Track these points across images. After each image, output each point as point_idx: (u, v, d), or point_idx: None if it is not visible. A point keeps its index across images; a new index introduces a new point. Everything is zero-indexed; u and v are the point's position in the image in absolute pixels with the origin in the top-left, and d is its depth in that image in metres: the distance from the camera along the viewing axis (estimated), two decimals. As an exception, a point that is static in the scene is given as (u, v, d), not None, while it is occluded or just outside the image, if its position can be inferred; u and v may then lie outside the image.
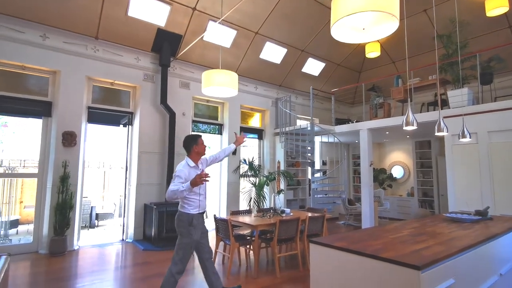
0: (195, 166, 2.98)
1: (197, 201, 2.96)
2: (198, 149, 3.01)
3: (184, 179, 2.81)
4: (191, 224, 2.86)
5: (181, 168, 2.89)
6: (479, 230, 3.07)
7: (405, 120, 3.10)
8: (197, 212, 2.95)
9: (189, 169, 2.91)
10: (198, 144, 3.01)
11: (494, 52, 5.92)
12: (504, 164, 4.96)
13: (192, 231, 2.87)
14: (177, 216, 2.93)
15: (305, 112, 9.07)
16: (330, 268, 2.39)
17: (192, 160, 2.99)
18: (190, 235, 2.86)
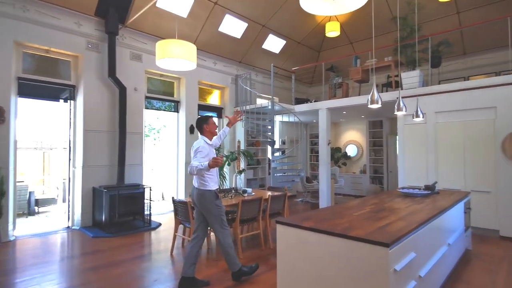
0: (211, 145, 3.20)
1: (215, 177, 3.18)
2: (209, 128, 3.21)
3: (206, 154, 3.02)
4: (217, 198, 3.10)
5: (203, 144, 3.08)
6: (430, 204, 3.26)
7: (370, 98, 3.09)
8: (216, 188, 3.16)
9: (208, 147, 3.13)
10: (209, 124, 3.22)
11: (443, 37, 6.26)
12: (448, 142, 5.36)
13: (219, 203, 3.12)
14: (201, 195, 3.07)
15: (265, 90, 8.92)
16: (297, 249, 2.34)
17: (208, 139, 3.20)
18: (219, 207, 3.11)
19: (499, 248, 4.31)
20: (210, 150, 3.15)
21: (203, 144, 3.09)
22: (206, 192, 3.06)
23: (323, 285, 2.15)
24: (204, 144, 3.09)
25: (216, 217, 3.11)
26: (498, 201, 4.82)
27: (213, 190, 3.09)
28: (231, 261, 3.15)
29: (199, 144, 3.09)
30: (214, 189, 3.11)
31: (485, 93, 5.00)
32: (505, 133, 4.78)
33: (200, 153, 3.01)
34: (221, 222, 3.14)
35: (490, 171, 4.92)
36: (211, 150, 3.16)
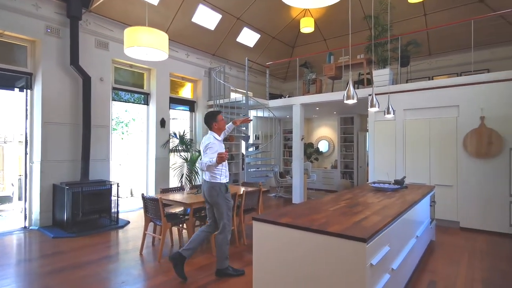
0: (220, 141, 3.24)
1: (225, 171, 3.23)
2: (218, 125, 3.24)
3: (216, 150, 3.06)
4: (226, 191, 3.16)
5: (212, 141, 3.14)
6: (401, 198, 3.36)
7: (346, 93, 3.10)
8: (226, 181, 3.22)
9: (218, 142, 3.18)
10: (217, 121, 3.23)
11: (412, 37, 6.50)
12: (415, 138, 5.60)
13: (228, 197, 3.18)
14: (211, 188, 3.14)
15: (239, 85, 8.80)
16: (274, 245, 2.29)
17: (217, 134, 3.23)
18: (227, 200, 3.17)
19: (460, 239, 4.58)
20: (220, 145, 3.20)
21: (212, 140, 3.15)
22: (216, 185, 3.14)
23: (300, 281, 2.13)
24: (213, 140, 3.15)
25: (223, 210, 3.16)
26: (459, 194, 5.12)
27: (223, 183, 3.16)
28: (222, 257, 3.16)
29: (209, 140, 3.15)
30: (224, 182, 3.18)
31: (449, 92, 5.27)
32: (466, 130, 5.07)
33: (210, 149, 3.08)
34: (228, 216, 3.18)
35: (452, 166, 5.21)
36: (220, 146, 3.20)
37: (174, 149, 6.85)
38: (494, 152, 4.82)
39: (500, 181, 4.78)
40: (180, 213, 4.35)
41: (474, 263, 3.61)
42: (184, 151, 6.89)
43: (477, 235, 4.76)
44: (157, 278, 3.17)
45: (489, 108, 4.90)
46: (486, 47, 6.85)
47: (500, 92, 4.83)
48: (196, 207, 3.95)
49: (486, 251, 4.01)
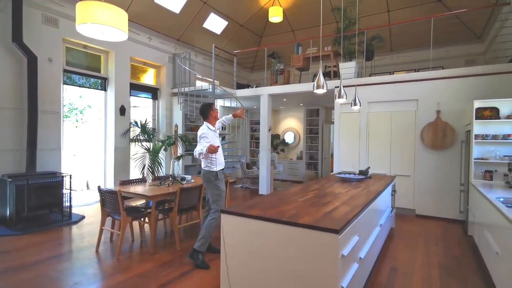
0: (214, 130, 3.40)
1: (220, 159, 3.36)
2: (214, 114, 3.42)
3: (210, 140, 3.20)
4: (216, 178, 3.27)
5: (206, 130, 3.29)
6: (366, 188, 3.43)
7: (316, 83, 3.06)
8: (218, 169, 3.31)
9: (211, 132, 3.33)
10: (213, 109, 3.43)
11: (376, 32, 6.68)
12: (377, 131, 5.80)
13: (219, 184, 3.29)
14: (204, 175, 3.33)
15: (205, 73, 8.49)
16: (243, 238, 2.19)
17: (211, 124, 3.39)
18: (218, 187, 3.28)
19: (416, 225, 4.85)
20: (214, 135, 3.35)
21: (206, 130, 3.30)
22: (207, 172, 3.28)
23: (270, 274, 2.06)
24: (207, 130, 3.30)
25: (213, 197, 3.28)
26: (415, 184, 5.42)
27: (214, 171, 3.27)
28: (203, 239, 3.20)
29: (203, 130, 3.30)
30: (216, 170, 3.28)
31: (409, 87, 5.50)
32: (424, 124, 5.34)
33: (204, 138, 3.22)
34: (217, 203, 3.27)
35: (411, 157, 5.48)
36: (214, 135, 3.36)
37: (135, 138, 6.44)
38: (447, 144, 5.14)
39: (452, 172, 5.12)
40: (141, 206, 4.09)
41: (430, 248, 3.83)
42: (146, 141, 6.51)
43: (431, 221, 5.09)
44: (115, 277, 2.93)
45: (445, 103, 5.20)
46: (441, 45, 7.27)
47: (454, 88, 5.13)
48: (159, 199, 3.73)
49: (440, 237, 4.29)
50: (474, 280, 2.97)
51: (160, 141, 6.62)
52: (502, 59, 5.30)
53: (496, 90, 4.78)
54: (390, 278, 2.99)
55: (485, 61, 6.80)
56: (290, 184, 8.99)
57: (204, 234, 3.20)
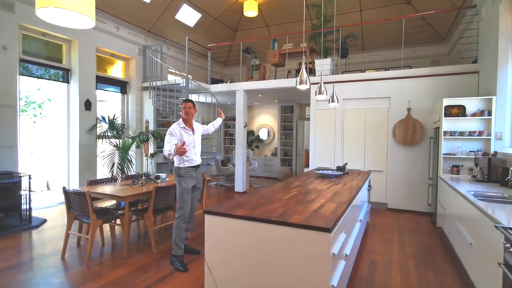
0: (185, 128, 3.23)
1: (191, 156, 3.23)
2: (183, 111, 3.25)
3: (177, 137, 3.15)
4: (179, 175, 3.16)
5: (173, 126, 3.20)
6: (347, 184, 3.45)
7: (299, 79, 3.00)
8: (185, 166, 3.19)
9: (179, 129, 3.20)
10: (183, 106, 3.25)
11: (350, 30, 6.80)
12: (352, 127, 5.92)
13: (182, 181, 3.16)
14: (173, 171, 3.24)
15: (177, 67, 8.17)
16: (229, 239, 2.08)
17: (182, 122, 3.25)
18: (180, 184, 3.16)
19: (389, 219, 5.02)
20: (184, 132, 3.20)
21: (174, 126, 3.19)
22: (175, 169, 3.20)
23: (259, 275, 1.97)
24: (174, 127, 3.18)
25: (178, 194, 3.17)
26: (388, 178, 5.61)
27: (178, 167, 3.17)
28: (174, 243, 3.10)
29: (170, 127, 3.20)
30: (181, 167, 3.16)
31: (382, 84, 5.65)
32: (395, 120, 5.53)
33: (169, 135, 3.15)
34: (180, 203, 3.16)
35: (383, 153, 5.66)
36: (184, 133, 3.20)
37: (103, 135, 6.03)
38: (417, 140, 5.37)
39: (421, 166, 5.36)
40: (112, 208, 3.82)
41: (404, 241, 3.96)
42: (115, 138, 6.13)
43: (403, 214, 5.29)
44: (85, 286, 2.69)
45: (414, 101, 5.41)
46: (409, 46, 7.57)
47: (423, 87, 5.35)
48: (132, 200, 3.50)
49: (412, 229, 4.47)
50: (448, 270, 3.10)
51: (130, 138, 6.26)
52: (466, 60, 5.61)
53: (461, 89, 5.05)
54: (371, 271, 3.04)
55: (449, 61, 7.19)
56: (265, 181, 8.97)
57: (173, 237, 3.10)
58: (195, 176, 3.27)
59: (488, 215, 2.16)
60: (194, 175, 3.24)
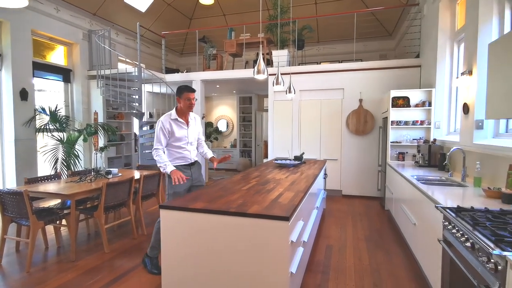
0: (177, 120, 2.79)
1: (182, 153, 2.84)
2: (180, 104, 2.77)
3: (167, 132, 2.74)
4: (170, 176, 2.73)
5: (163, 118, 2.74)
6: (304, 173, 3.54)
7: (256, 68, 2.97)
8: (176, 164, 2.81)
9: (170, 121, 2.76)
10: (181, 96, 2.75)
11: (306, 22, 6.92)
12: (309, 118, 6.08)
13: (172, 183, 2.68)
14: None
15: (129, 54, 7.66)
16: (187, 234, 2.02)
17: (175, 113, 2.80)
18: (170, 186, 2.74)
19: (343, 205, 5.29)
20: (175, 125, 2.77)
21: (163, 119, 2.75)
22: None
23: (219, 268, 1.94)
24: (164, 120, 2.74)
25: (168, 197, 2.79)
26: (342, 166, 5.89)
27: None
28: (153, 243, 2.78)
29: (160, 120, 2.75)
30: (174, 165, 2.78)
31: (336, 76, 5.87)
32: (349, 111, 5.79)
33: (160, 132, 2.72)
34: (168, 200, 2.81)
35: (338, 143, 5.92)
36: (176, 126, 2.77)
37: (43, 128, 5.47)
38: (368, 130, 5.69)
39: (372, 154, 5.71)
40: (56, 208, 3.49)
41: (357, 224, 4.21)
42: (58, 131, 5.59)
43: (355, 200, 5.62)
44: (26, 294, 2.44)
45: (365, 92, 5.71)
46: (361, 40, 7.93)
47: (373, 79, 5.66)
48: (80, 198, 3.23)
49: (363, 213, 4.76)
50: (395, 249, 3.36)
51: (76, 131, 5.76)
52: (410, 54, 6.04)
53: (406, 81, 5.43)
54: (327, 255, 3.17)
55: (395, 56, 7.70)
56: (225, 173, 8.91)
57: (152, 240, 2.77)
58: (190, 176, 2.85)
59: (429, 196, 2.36)
60: (188, 174, 2.84)
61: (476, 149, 2.97)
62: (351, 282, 2.64)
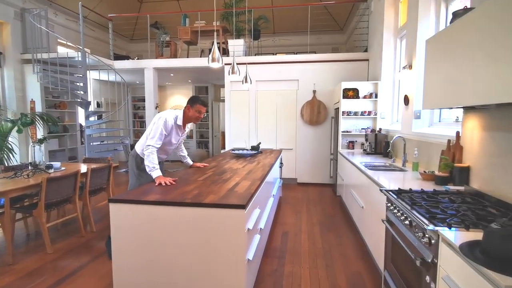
0: (180, 127, 2.73)
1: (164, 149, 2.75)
2: (189, 112, 2.70)
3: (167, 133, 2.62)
4: (139, 168, 2.72)
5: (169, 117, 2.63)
6: (260, 162, 3.59)
7: (211, 56, 2.90)
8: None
9: (173, 126, 2.66)
10: (193, 106, 2.68)
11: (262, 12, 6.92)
12: (265, 108, 6.15)
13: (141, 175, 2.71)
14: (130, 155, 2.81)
15: (71, 37, 6.99)
16: (140, 228, 1.93)
17: (181, 119, 2.70)
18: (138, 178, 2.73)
19: (298, 192, 5.49)
20: (174, 132, 2.70)
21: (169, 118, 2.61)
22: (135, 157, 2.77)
23: (176, 260, 1.89)
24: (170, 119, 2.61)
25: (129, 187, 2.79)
26: (297, 156, 6.09)
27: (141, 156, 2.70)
28: None
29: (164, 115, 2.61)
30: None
31: (291, 68, 5.99)
32: (303, 102, 5.97)
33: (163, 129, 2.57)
34: None
35: (293, 133, 6.08)
36: (175, 133, 2.71)
37: (-33, 118, 4.80)
38: (321, 120, 5.94)
39: (324, 144, 5.97)
40: (-14, 207, 3.11)
41: (311, 210, 4.41)
42: (-13, 121, 4.95)
43: (310, 187, 5.86)
44: (-49, 306, 2.16)
45: (319, 84, 5.92)
46: (315, 33, 8.17)
47: (326, 71, 5.89)
48: (15, 195, 2.90)
49: (317, 200, 4.99)
50: (346, 231, 3.58)
51: (9, 121, 5.15)
52: (359, 48, 6.38)
53: (356, 74, 5.74)
54: (283, 241, 3.28)
55: (346, 49, 8.07)
56: (181, 164, 8.68)
57: None
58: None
59: (375, 181, 2.54)
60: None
61: (414, 137, 3.26)
62: (305, 265, 2.76)
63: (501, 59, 1.31)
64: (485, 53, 1.43)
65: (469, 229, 1.35)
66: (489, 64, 1.40)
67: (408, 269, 1.73)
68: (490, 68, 1.39)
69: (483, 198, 1.85)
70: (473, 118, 2.10)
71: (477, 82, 1.50)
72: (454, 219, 1.45)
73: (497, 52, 1.34)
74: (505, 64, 1.29)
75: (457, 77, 1.70)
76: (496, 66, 1.35)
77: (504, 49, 1.30)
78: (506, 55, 1.28)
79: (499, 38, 1.33)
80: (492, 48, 1.39)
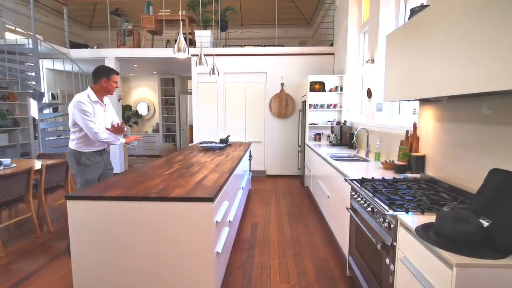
0: (98, 102, 2.64)
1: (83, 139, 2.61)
2: (107, 85, 2.65)
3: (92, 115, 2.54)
4: (80, 163, 2.61)
5: (82, 98, 2.51)
6: (229, 155, 3.57)
7: (176, 46, 2.80)
8: (87, 151, 2.64)
9: (91, 103, 2.57)
10: (110, 79, 2.65)
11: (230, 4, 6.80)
12: (234, 101, 6.10)
13: (85, 171, 2.61)
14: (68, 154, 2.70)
15: (19, 23, 6.38)
16: (101, 225, 1.84)
17: (94, 94, 2.62)
18: (83, 174, 2.61)
19: (267, 184, 5.55)
20: (96, 107, 2.59)
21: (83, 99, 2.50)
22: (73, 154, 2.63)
23: (142, 256, 1.83)
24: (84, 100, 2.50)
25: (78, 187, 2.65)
26: (266, 148, 6.14)
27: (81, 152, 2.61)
28: None
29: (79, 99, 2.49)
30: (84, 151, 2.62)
31: (259, 60, 5.98)
32: (272, 94, 6.01)
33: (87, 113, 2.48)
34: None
35: (261, 125, 6.11)
36: (96, 108, 2.60)
37: None
38: (289, 113, 6.02)
39: (292, 136, 6.08)
40: None
41: (280, 201, 4.48)
42: None
43: (278, 179, 5.95)
44: None
45: (287, 77, 5.98)
46: (282, 26, 8.21)
47: (293, 64, 5.96)
48: (-42, 196, 2.63)
49: (286, 191, 5.08)
50: (313, 221, 3.69)
51: None
52: (326, 43, 6.52)
53: (322, 67, 5.87)
54: (253, 233, 3.31)
55: (313, 43, 8.22)
56: (147, 159, 8.40)
57: None
58: (102, 162, 2.77)
59: (340, 171, 2.63)
60: (99, 160, 2.74)
61: (376, 128, 3.41)
62: (274, 254, 2.81)
63: (452, 55, 1.40)
64: (438, 48, 1.52)
65: (424, 213, 1.44)
66: (441, 59, 1.49)
67: (370, 253, 1.82)
68: (442, 62, 1.49)
69: (437, 184, 1.98)
70: (428, 110, 2.24)
71: (430, 76, 1.59)
72: (411, 204, 1.54)
73: (449, 48, 1.43)
74: (455, 59, 1.37)
75: (413, 71, 1.79)
76: (448, 60, 1.44)
77: (455, 46, 1.38)
78: (457, 51, 1.37)
79: (451, 34, 1.42)
80: (443, 44, 1.48)
